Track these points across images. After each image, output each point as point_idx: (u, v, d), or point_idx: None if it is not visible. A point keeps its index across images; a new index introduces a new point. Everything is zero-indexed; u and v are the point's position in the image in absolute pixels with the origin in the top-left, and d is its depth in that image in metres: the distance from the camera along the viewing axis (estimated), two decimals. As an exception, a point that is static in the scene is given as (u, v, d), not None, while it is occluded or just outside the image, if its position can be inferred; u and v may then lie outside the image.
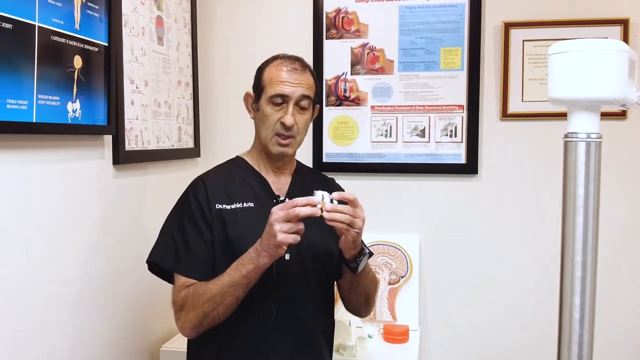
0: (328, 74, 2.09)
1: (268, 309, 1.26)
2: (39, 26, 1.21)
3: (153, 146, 1.76)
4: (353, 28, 2.07)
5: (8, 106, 1.13)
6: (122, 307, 1.61)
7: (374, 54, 2.06)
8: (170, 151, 1.88)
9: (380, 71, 2.06)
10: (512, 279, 2.01)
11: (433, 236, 2.05)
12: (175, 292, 1.27)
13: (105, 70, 1.47)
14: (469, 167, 2.01)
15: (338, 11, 2.07)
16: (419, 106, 2.04)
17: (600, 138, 0.68)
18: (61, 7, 1.29)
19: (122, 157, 1.57)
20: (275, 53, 1.41)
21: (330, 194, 1.16)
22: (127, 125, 1.61)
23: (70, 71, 1.33)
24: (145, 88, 1.71)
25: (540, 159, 1.96)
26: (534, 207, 1.98)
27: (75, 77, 1.35)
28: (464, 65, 2.00)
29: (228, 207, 1.29)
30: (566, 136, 0.70)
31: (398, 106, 2.05)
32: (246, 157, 1.40)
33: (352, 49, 2.07)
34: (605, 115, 1.28)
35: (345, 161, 2.09)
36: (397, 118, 2.05)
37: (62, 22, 1.29)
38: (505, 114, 1.98)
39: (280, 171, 1.38)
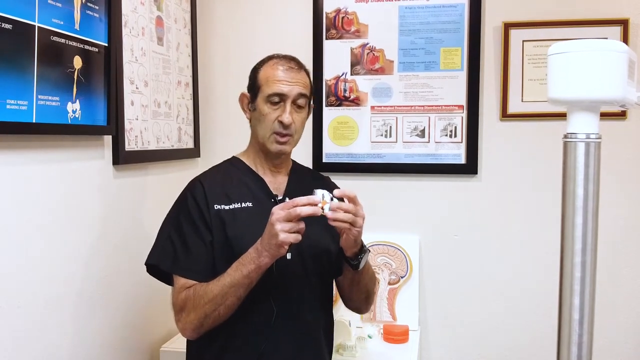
0: (328, 74, 2.09)
1: (269, 309, 1.26)
2: (39, 26, 1.21)
3: (153, 146, 1.76)
4: (353, 28, 2.07)
5: (8, 106, 1.13)
6: (122, 307, 1.61)
7: (374, 54, 2.06)
8: (170, 151, 1.88)
9: (380, 71, 2.06)
10: (512, 279, 2.01)
11: (433, 236, 2.05)
12: (175, 294, 1.26)
13: (105, 70, 1.47)
14: (469, 167, 2.01)
15: (338, 11, 2.07)
16: (419, 106, 2.04)
17: (599, 138, 0.68)
18: (61, 8, 1.29)
19: (122, 158, 1.58)
20: (288, 54, 1.39)
21: (330, 193, 1.17)
22: (127, 125, 1.61)
23: (70, 71, 1.33)
24: (145, 88, 1.71)
25: (540, 159, 1.97)
26: (534, 208, 1.98)
27: (75, 78, 1.35)
28: (464, 65, 2.00)
29: (227, 208, 1.29)
30: (566, 136, 0.70)
31: (398, 106, 2.05)
32: (242, 157, 1.40)
33: (352, 49, 2.07)
34: (605, 115, 1.28)
35: (345, 161, 2.09)
36: (397, 118, 2.05)
37: (62, 23, 1.29)
38: (505, 114, 1.98)
39: (277, 170, 1.38)
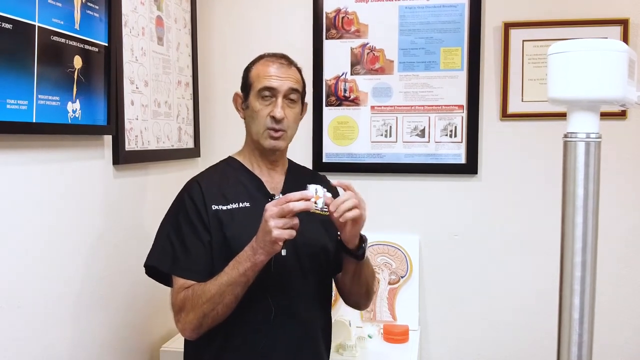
0: (328, 74, 2.09)
1: (267, 308, 1.26)
2: (39, 26, 1.21)
3: (153, 146, 1.76)
4: (353, 28, 2.07)
5: (8, 106, 1.13)
6: (122, 307, 1.61)
7: (374, 54, 2.06)
8: (170, 151, 1.88)
9: (380, 71, 2.06)
10: (512, 279, 2.01)
11: (433, 236, 2.05)
12: (174, 294, 1.27)
13: (105, 70, 1.47)
14: (469, 167, 2.01)
15: (338, 11, 2.07)
16: (419, 106, 2.04)
17: (599, 138, 0.68)
18: (61, 7, 1.29)
19: (122, 157, 1.58)
20: (278, 52, 1.41)
21: (323, 188, 1.17)
22: (127, 125, 1.61)
23: (70, 71, 1.33)
24: (145, 88, 1.71)
25: (540, 159, 1.96)
26: (534, 207, 1.98)
27: (75, 77, 1.35)
28: (464, 65, 2.00)
29: (224, 208, 1.30)
30: (566, 136, 0.70)
31: (398, 106, 2.05)
32: (238, 157, 1.41)
33: (352, 49, 2.07)
34: (605, 115, 1.28)
35: (345, 161, 2.09)
36: (397, 118, 2.05)
37: (62, 22, 1.29)
38: (505, 114, 1.98)
39: (273, 169, 1.39)
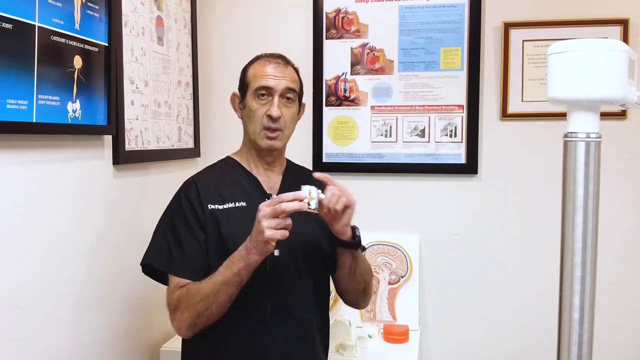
0: (328, 74, 2.09)
1: (262, 308, 1.27)
2: (39, 26, 1.21)
3: (153, 146, 1.76)
4: (353, 28, 2.07)
5: (8, 106, 1.13)
6: (123, 307, 1.61)
7: (374, 54, 2.06)
8: (170, 151, 1.88)
9: (380, 71, 2.06)
10: (512, 279, 2.01)
11: (433, 236, 2.05)
12: (169, 293, 1.28)
13: (105, 70, 1.47)
14: (469, 167, 2.01)
15: (338, 11, 2.07)
16: (419, 106, 2.04)
17: (599, 138, 0.68)
18: (61, 7, 1.29)
19: (122, 157, 1.58)
20: (275, 52, 1.42)
21: (317, 189, 1.18)
22: (127, 125, 1.61)
23: (70, 71, 1.33)
24: (145, 88, 1.71)
25: (540, 159, 1.96)
26: (534, 207, 1.98)
27: (75, 77, 1.35)
28: (464, 65, 2.00)
29: (221, 207, 1.30)
30: (566, 136, 0.70)
31: (398, 106, 2.05)
32: (236, 157, 1.42)
33: (352, 49, 2.07)
34: (605, 115, 1.28)
35: (345, 161, 2.09)
36: (397, 118, 2.05)
37: (62, 22, 1.29)
38: (505, 114, 1.98)
39: (270, 168, 1.39)
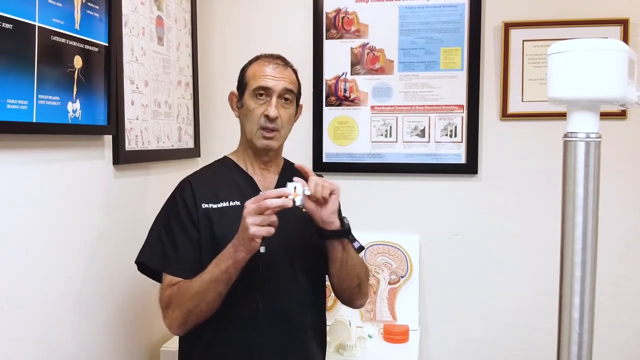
0: (328, 74, 2.09)
1: (254, 306, 1.27)
2: (39, 26, 1.21)
3: (153, 146, 1.77)
4: (353, 28, 2.07)
5: (8, 106, 1.13)
6: (123, 307, 1.61)
7: (374, 54, 2.06)
8: (170, 151, 1.88)
9: (380, 71, 2.06)
10: (512, 279, 2.01)
11: (433, 236, 2.05)
12: (162, 291, 1.30)
13: (105, 70, 1.47)
14: (469, 167, 2.01)
15: (338, 11, 2.07)
16: (419, 106, 2.04)
17: (599, 138, 0.68)
18: (61, 7, 1.29)
19: (122, 157, 1.58)
20: (275, 53, 1.42)
21: (303, 186, 1.18)
22: (127, 125, 1.61)
23: (70, 71, 1.33)
24: (145, 88, 1.71)
25: (540, 159, 1.96)
26: (534, 207, 1.98)
27: (75, 77, 1.35)
28: (464, 65, 2.00)
29: (215, 206, 1.31)
30: (566, 136, 0.70)
31: (398, 106, 2.05)
32: (233, 157, 1.43)
33: (352, 49, 2.07)
34: (605, 115, 1.28)
35: (345, 161, 2.09)
36: (397, 118, 2.05)
37: (62, 22, 1.29)
38: (505, 114, 1.98)
39: (266, 168, 1.40)
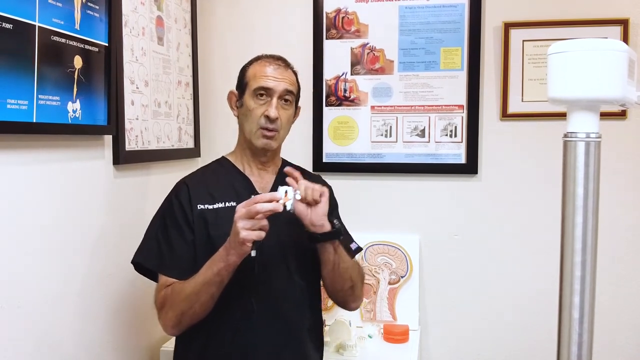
0: (328, 74, 2.09)
1: (248, 308, 1.28)
2: (39, 26, 1.21)
3: (153, 146, 1.77)
4: (353, 28, 2.07)
5: (8, 106, 1.13)
6: (123, 307, 1.61)
7: (374, 54, 2.06)
8: (170, 151, 1.88)
9: (380, 71, 2.06)
10: (512, 279, 2.01)
11: (433, 236, 2.05)
12: (157, 292, 1.31)
13: (105, 70, 1.47)
14: (469, 167, 2.01)
15: (338, 11, 2.07)
16: (419, 106, 2.04)
17: (599, 138, 0.68)
18: (61, 7, 1.29)
19: (123, 157, 1.58)
20: (275, 53, 1.43)
21: (295, 190, 1.19)
22: (127, 125, 1.61)
23: (70, 71, 1.33)
24: (145, 88, 1.71)
25: (540, 159, 1.96)
26: (534, 207, 1.98)
27: (75, 77, 1.35)
28: (464, 65, 2.00)
29: (210, 207, 1.32)
30: (565, 136, 0.70)
31: (398, 106, 2.05)
32: (230, 157, 1.43)
33: (352, 49, 2.07)
34: (605, 115, 1.28)
35: (345, 161, 2.09)
36: (397, 118, 2.05)
37: (62, 22, 1.29)
38: (505, 114, 1.98)
39: (264, 168, 1.40)
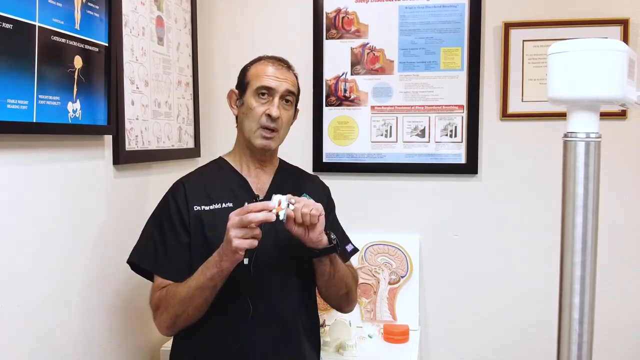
0: (328, 74, 2.09)
1: (245, 308, 1.28)
2: (39, 26, 1.21)
3: (153, 146, 1.76)
4: (353, 28, 2.07)
5: (8, 106, 1.13)
6: (123, 307, 1.61)
7: (374, 54, 2.06)
8: (170, 151, 1.88)
9: (380, 71, 2.06)
10: (512, 279, 2.01)
11: (433, 236, 2.05)
12: (152, 293, 1.32)
13: (105, 70, 1.47)
14: (469, 167, 2.01)
15: (338, 11, 2.07)
16: (419, 106, 2.04)
17: (599, 138, 0.68)
18: (61, 7, 1.29)
19: (123, 157, 1.58)
20: (275, 53, 1.43)
21: (289, 199, 1.17)
22: (128, 125, 1.61)
23: (70, 71, 1.33)
24: (145, 88, 1.71)
25: (540, 159, 1.96)
26: (534, 207, 1.98)
27: (75, 77, 1.35)
28: (464, 65, 2.00)
29: (207, 208, 1.32)
30: (566, 136, 0.70)
31: (398, 106, 2.05)
32: (228, 158, 1.43)
33: (352, 49, 2.07)
34: (605, 115, 1.28)
35: (345, 161, 2.09)
36: (397, 118, 2.05)
37: (63, 22, 1.29)
38: (505, 114, 1.98)
39: (262, 168, 1.40)
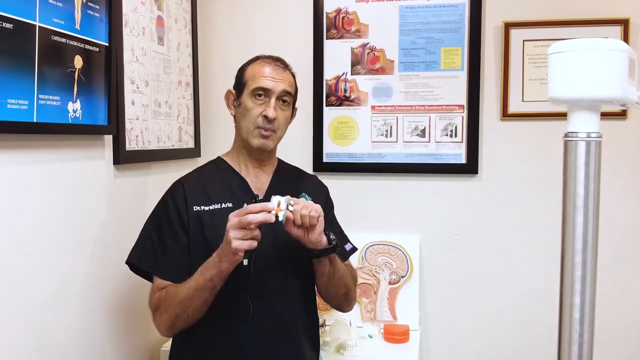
0: (328, 74, 2.09)
1: (245, 308, 1.28)
2: (40, 26, 1.21)
3: (154, 146, 1.77)
4: (353, 28, 2.07)
5: (9, 106, 1.13)
6: (123, 307, 1.61)
7: (374, 54, 2.06)
8: (170, 151, 1.88)
9: (380, 71, 2.06)
10: (512, 279, 2.01)
11: (433, 236, 2.05)
12: (151, 293, 1.32)
13: (105, 70, 1.47)
14: (469, 167, 2.01)
15: (338, 11, 2.07)
16: (419, 106, 2.04)
17: (600, 137, 0.68)
18: (62, 7, 1.29)
19: (123, 157, 1.58)
20: (275, 53, 1.43)
21: (288, 200, 1.17)
22: (128, 125, 1.61)
23: (70, 71, 1.33)
24: (145, 88, 1.71)
25: (540, 159, 1.96)
26: (534, 207, 1.98)
27: (75, 77, 1.35)
28: (464, 65, 2.00)
29: (206, 208, 1.32)
30: (566, 136, 0.70)
31: (398, 106, 2.05)
32: (226, 158, 1.43)
33: (352, 49, 2.07)
34: (605, 115, 1.28)
35: (345, 161, 2.09)
36: (398, 118, 2.05)
37: (63, 22, 1.29)
38: (505, 114, 1.98)
39: (260, 168, 1.40)
